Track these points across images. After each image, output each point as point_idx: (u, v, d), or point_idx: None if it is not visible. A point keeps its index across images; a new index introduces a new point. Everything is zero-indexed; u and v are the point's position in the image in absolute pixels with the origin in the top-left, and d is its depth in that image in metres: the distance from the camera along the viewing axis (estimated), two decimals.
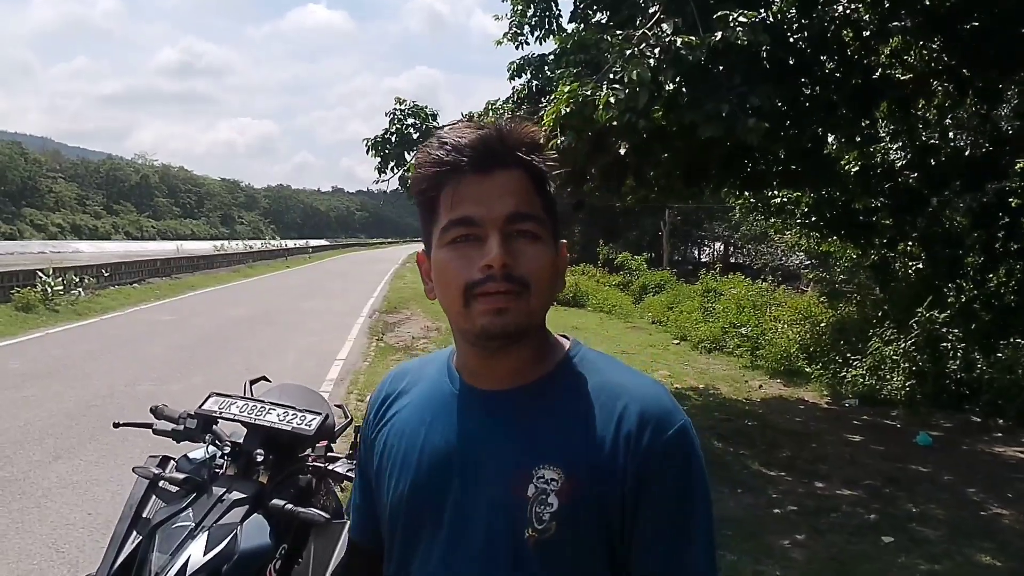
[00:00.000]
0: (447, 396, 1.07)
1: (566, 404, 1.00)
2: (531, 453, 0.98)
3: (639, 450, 0.95)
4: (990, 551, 4.39)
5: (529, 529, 0.96)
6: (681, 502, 0.97)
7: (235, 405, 2.11)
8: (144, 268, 23.20)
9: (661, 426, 0.97)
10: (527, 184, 0.99)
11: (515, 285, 0.96)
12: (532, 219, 0.98)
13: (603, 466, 0.96)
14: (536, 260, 0.98)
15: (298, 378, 8.78)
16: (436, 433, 1.05)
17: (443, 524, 1.02)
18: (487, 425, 1.02)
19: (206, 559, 1.73)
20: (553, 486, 0.96)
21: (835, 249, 11.57)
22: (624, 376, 1.03)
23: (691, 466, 0.98)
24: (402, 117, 8.43)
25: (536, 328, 1.02)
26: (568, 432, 0.98)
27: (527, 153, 1.00)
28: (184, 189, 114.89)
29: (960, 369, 8.11)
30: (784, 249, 21.11)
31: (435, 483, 1.03)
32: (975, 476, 5.86)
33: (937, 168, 9.06)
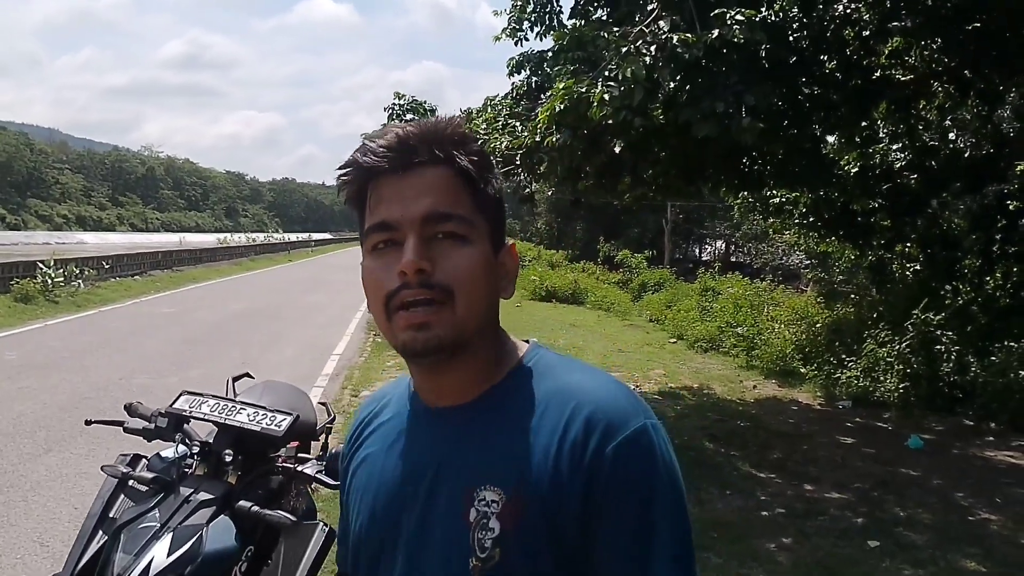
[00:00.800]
0: (407, 418, 1.00)
1: (514, 416, 0.90)
2: (474, 474, 0.89)
3: (585, 459, 0.84)
4: (976, 557, 4.38)
5: (473, 558, 0.87)
6: (640, 519, 0.84)
7: (206, 404, 2.10)
8: (146, 260, 23.25)
9: (612, 430, 0.85)
10: (450, 182, 0.91)
11: (435, 292, 0.87)
12: (454, 219, 0.89)
13: (548, 482, 0.85)
14: (460, 263, 0.88)
15: (294, 373, 8.84)
16: (393, 458, 0.98)
17: (397, 560, 0.94)
18: (439, 446, 0.94)
19: (170, 560, 1.72)
20: (494, 508, 0.87)
21: (834, 249, 11.55)
22: (578, 378, 0.92)
23: (652, 476, 0.85)
24: (400, 112, 8.44)
25: (474, 339, 0.91)
26: (513, 447, 0.88)
27: (451, 148, 0.91)
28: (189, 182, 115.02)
29: (954, 372, 8.09)
30: (784, 248, 21.09)
31: (391, 514, 0.95)
32: (965, 480, 5.85)
33: (936, 170, 9.04)
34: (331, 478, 2.00)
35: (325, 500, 4.78)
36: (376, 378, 8.90)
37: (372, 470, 1.01)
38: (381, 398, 1.09)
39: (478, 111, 8.52)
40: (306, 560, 2.15)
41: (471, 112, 8.61)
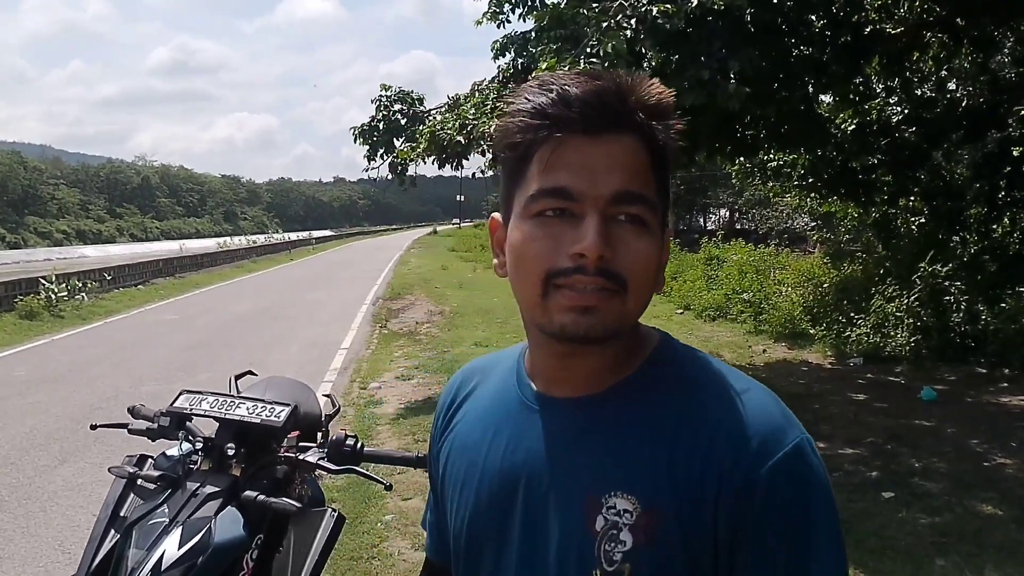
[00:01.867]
0: (514, 404, 0.90)
1: (650, 416, 0.81)
2: (603, 476, 0.80)
3: (736, 478, 0.76)
4: (992, 501, 4.38)
5: (597, 571, 0.79)
6: (798, 545, 0.75)
7: (205, 401, 2.11)
8: (148, 269, 23.28)
9: (767, 447, 0.76)
10: (644, 158, 0.80)
11: (610, 282, 0.78)
12: (643, 202, 0.79)
13: (691, 497, 0.77)
14: (640, 254, 0.79)
15: (302, 370, 8.85)
16: (499, 449, 0.89)
17: (506, 561, 0.86)
18: (557, 440, 0.85)
19: (180, 552, 1.73)
20: (627, 519, 0.78)
21: (837, 209, 11.49)
22: (724, 381, 0.83)
23: (810, 498, 0.77)
24: (388, 103, 8.40)
25: (628, 330, 0.84)
26: (650, 452, 0.79)
27: (651, 118, 0.80)
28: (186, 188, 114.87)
29: (964, 322, 8.07)
30: (788, 212, 20.99)
31: (497, 511, 0.87)
32: (979, 428, 5.84)
33: (935, 121, 8.96)
34: (333, 463, 2.01)
35: (340, 490, 4.81)
36: (384, 369, 8.92)
37: (474, 460, 0.91)
38: (472, 376, 1.01)
39: (466, 96, 8.47)
40: (316, 545, 2.17)
41: (459, 98, 8.57)
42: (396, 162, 8.20)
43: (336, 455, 2.04)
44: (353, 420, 6.67)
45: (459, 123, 7.20)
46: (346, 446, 2.05)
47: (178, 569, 1.72)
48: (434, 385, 7.92)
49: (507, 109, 0.83)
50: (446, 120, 7.58)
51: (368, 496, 4.73)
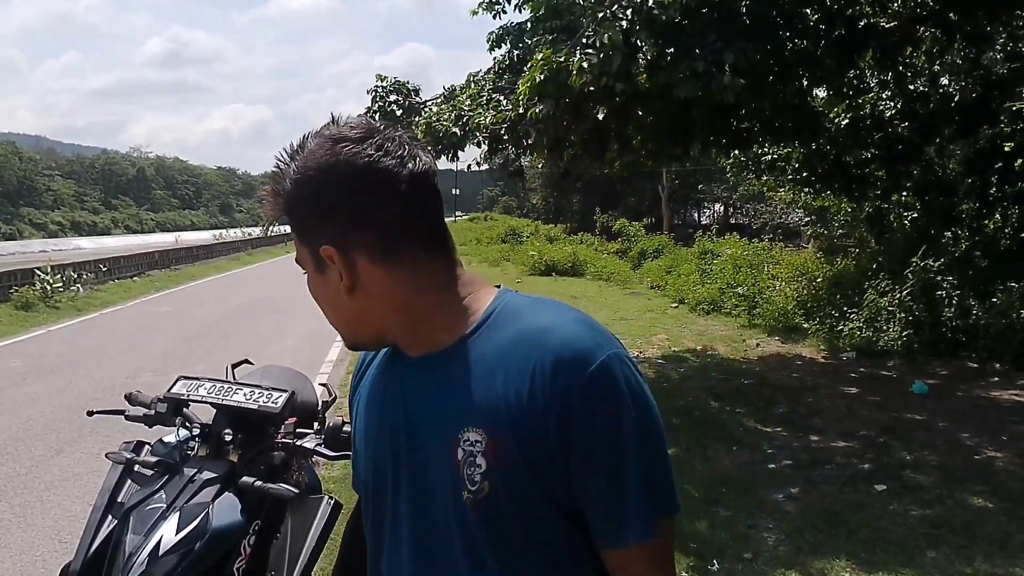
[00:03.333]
0: (391, 366, 1.07)
1: (488, 362, 0.96)
2: (456, 416, 0.96)
3: (556, 397, 0.91)
4: (982, 494, 4.42)
5: (464, 492, 0.95)
6: (610, 452, 0.91)
7: (203, 387, 2.13)
8: (143, 261, 23.21)
9: (577, 367, 0.91)
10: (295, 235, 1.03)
11: None
12: (300, 262, 1.04)
13: (524, 421, 0.92)
14: (313, 290, 1.05)
15: (298, 361, 8.85)
16: (379, 404, 1.07)
17: (401, 495, 1.02)
18: (420, 392, 1.01)
19: (178, 538, 1.76)
20: (478, 447, 0.94)
21: (831, 204, 11.52)
22: (543, 318, 0.96)
23: (619, 407, 0.91)
24: (384, 95, 8.37)
25: (372, 335, 1.04)
26: (488, 390, 0.94)
27: (274, 197, 1.04)
28: (181, 180, 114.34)
29: (956, 316, 8.11)
30: (783, 207, 21.03)
31: (386, 451, 1.04)
32: (970, 421, 5.89)
33: (928, 116, 8.97)
34: (330, 450, 2.03)
35: (336, 480, 4.83)
36: None
37: (369, 417, 1.09)
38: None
39: (461, 88, 8.46)
40: (313, 532, 2.19)
41: (454, 89, 8.56)
42: None
43: (333, 441, 2.06)
44: (348, 411, 6.67)
45: (455, 114, 7.20)
46: (343, 432, 2.06)
47: (176, 554, 1.74)
48: None
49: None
50: (442, 111, 7.58)
51: None
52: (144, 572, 1.68)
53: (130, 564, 1.70)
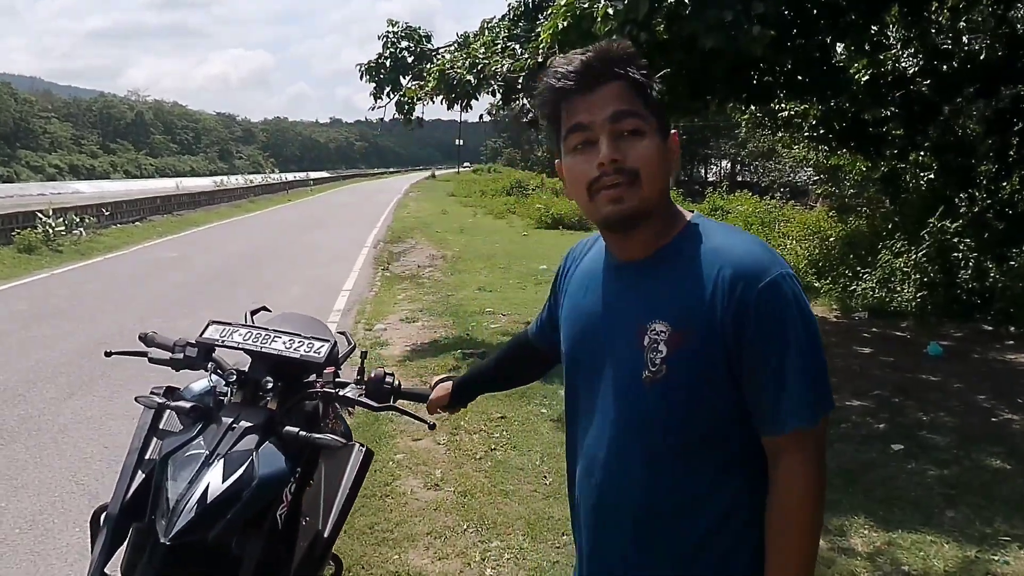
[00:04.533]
0: (600, 267, 1.34)
1: (678, 269, 1.21)
2: (647, 311, 1.21)
3: (732, 304, 1.14)
4: (999, 455, 4.41)
5: (645, 371, 1.19)
6: (776, 340, 1.13)
7: (237, 333, 2.07)
8: (145, 206, 23.05)
9: (753, 280, 1.14)
10: (626, 91, 1.20)
11: (626, 176, 1.18)
12: (634, 116, 1.19)
13: (704, 320, 1.15)
14: (643, 152, 1.19)
15: (305, 310, 8.72)
16: (588, 296, 1.34)
17: (593, 368, 1.29)
18: (619, 290, 1.28)
19: (226, 485, 1.71)
20: (663, 337, 1.18)
21: (844, 162, 11.35)
22: (728, 239, 1.21)
23: (784, 314, 1.14)
24: (395, 40, 8.18)
25: (655, 211, 1.22)
26: (677, 293, 1.19)
27: (623, 67, 1.21)
28: (180, 125, 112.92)
29: (971, 279, 8.04)
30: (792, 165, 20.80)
31: (588, 337, 1.31)
32: (985, 384, 5.87)
33: (950, 74, 8.76)
34: (373, 400, 1.98)
35: (361, 425, 4.82)
36: (388, 311, 8.90)
37: (575, 303, 1.37)
38: (587, 244, 1.45)
39: (475, 35, 8.26)
40: (347, 479, 2.18)
41: (468, 36, 8.35)
42: (403, 101, 8.02)
43: (376, 392, 2.02)
44: (359, 361, 6.65)
45: (469, 62, 7.03)
46: (386, 383, 2.02)
47: (224, 501, 1.70)
48: (440, 328, 7.91)
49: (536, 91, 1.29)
50: (456, 59, 7.41)
51: (379, 435, 4.75)
52: (193, 519, 1.64)
53: (178, 510, 1.66)
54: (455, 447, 4.63)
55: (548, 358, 1.66)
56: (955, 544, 3.40)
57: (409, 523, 3.68)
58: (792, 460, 1.16)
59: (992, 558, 3.29)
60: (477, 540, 3.51)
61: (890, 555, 3.30)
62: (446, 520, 3.70)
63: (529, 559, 3.34)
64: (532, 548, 3.42)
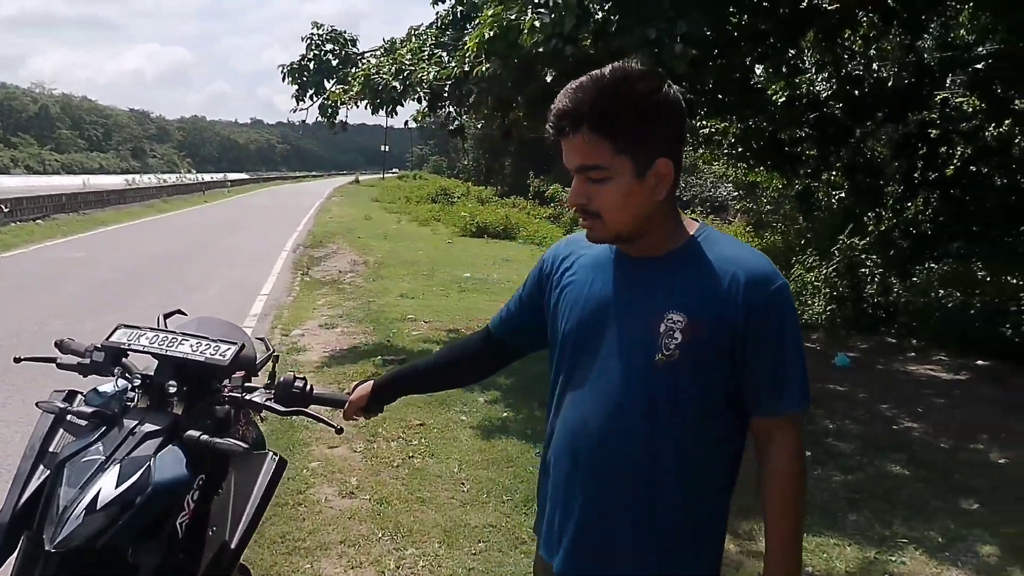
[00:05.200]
0: (608, 259, 1.46)
1: (692, 269, 1.37)
2: (665, 301, 1.36)
3: (744, 302, 1.32)
4: (900, 461, 4.62)
5: (659, 354, 1.35)
6: (778, 337, 1.34)
7: (144, 336, 1.98)
8: (48, 204, 21.86)
9: (764, 284, 1.34)
10: (592, 140, 1.32)
11: (590, 216, 1.37)
12: (595, 168, 1.33)
13: (718, 314, 1.33)
14: (604, 197, 1.34)
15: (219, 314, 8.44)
16: (599, 284, 1.45)
17: (600, 347, 1.41)
18: (636, 280, 1.41)
19: (118, 491, 1.63)
20: (679, 326, 1.34)
21: (762, 179, 11.77)
22: (737, 249, 1.40)
23: (785, 316, 1.36)
24: (320, 43, 8.04)
25: (638, 230, 1.38)
26: (693, 288, 1.36)
27: (590, 118, 1.31)
28: (89, 120, 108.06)
29: (878, 293, 8.44)
30: (712, 181, 21.42)
31: (596, 319, 1.43)
32: (889, 393, 6.15)
33: (861, 99, 9.21)
34: (282, 405, 1.93)
35: (275, 432, 4.67)
36: (307, 317, 8.70)
37: (580, 290, 1.47)
38: (575, 242, 1.55)
39: (402, 41, 8.20)
40: (258, 488, 2.10)
41: (395, 42, 8.28)
42: (327, 104, 7.88)
43: (285, 396, 1.96)
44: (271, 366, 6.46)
45: (395, 68, 6.96)
46: (295, 387, 1.96)
47: (115, 507, 1.62)
48: (359, 335, 7.77)
49: None
50: (382, 64, 7.32)
51: (293, 443, 4.62)
52: (80, 526, 1.56)
53: (65, 517, 1.57)
54: (372, 454, 4.54)
55: (499, 355, 1.76)
56: (856, 546, 3.54)
57: (322, 532, 3.58)
58: (787, 438, 1.37)
59: (890, 559, 3.43)
60: (392, 548, 3.45)
61: None
62: (360, 528, 3.62)
63: (444, 566, 3.29)
64: (448, 555, 3.37)
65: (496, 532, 3.60)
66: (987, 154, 8.65)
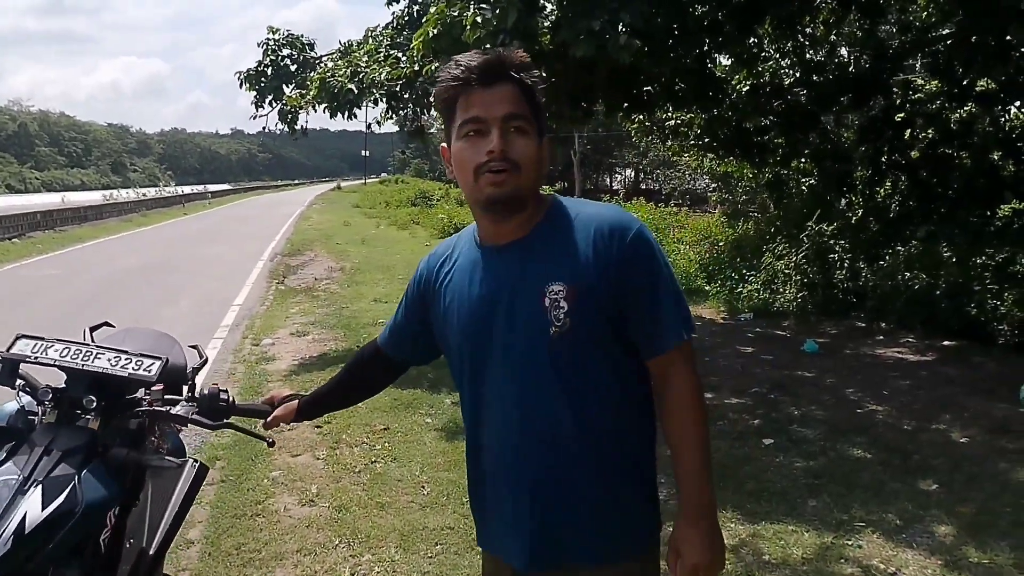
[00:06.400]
0: (479, 258, 1.50)
1: (559, 237, 1.43)
2: (542, 277, 1.40)
3: (612, 254, 1.38)
4: (862, 445, 4.63)
5: (552, 328, 1.39)
6: (651, 279, 1.41)
7: (53, 348, 1.92)
8: (24, 222, 21.68)
9: (624, 231, 1.40)
10: (519, 94, 1.40)
11: (509, 165, 1.38)
12: (522, 118, 1.40)
13: (592, 272, 1.38)
14: (524, 148, 1.40)
15: (191, 326, 8.45)
16: (476, 284, 1.48)
17: (493, 346, 1.44)
18: (510, 266, 1.44)
19: (46, 514, 1.58)
20: (561, 295, 1.38)
21: (735, 170, 11.78)
22: (591, 208, 1.47)
23: (651, 255, 1.42)
24: (276, 48, 7.98)
25: (528, 198, 1.43)
26: (563, 256, 1.41)
27: (518, 71, 1.41)
28: (68, 137, 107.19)
29: (847, 279, 8.47)
30: (690, 173, 21.46)
31: (484, 317, 1.46)
32: (855, 377, 6.16)
33: (825, 85, 9.22)
34: (207, 419, 1.91)
35: (226, 448, 4.63)
36: (279, 325, 8.64)
37: (462, 293, 1.50)
38: (450, 246, 1.60)
39: (359, 43, 8.15)
40: (176, 496, 2.08)
41: (351, 45, 8.24)
42: (285, 110, 7.83)
43: (210, 409, 1.93)
44: (243, 377, 6.43)
45: (350, 70, 6.91)
46: (221, 400, 1.94)
47: (44, 531, 1.57)
48: (330, 341, 7.73)
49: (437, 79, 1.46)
50: (337, 67, 7.28)
51: (255, 453, 4.57)
52: (9, 552, 1.51)
53: None
54: (334, 461, 4.51)
55: (388, 371, 1.83)
56: (814, 532, 3.53)
57: (279, 541, 3.55)
58: (680, 370, 1.43)
59: (847, 543, 3.43)
60: (348, 555, 3.42)
61: (753, 546, 3.39)
62: (318, 536, 3.59)
63: (400, 571, 3.27)
64: (403, 560, 3.35)
65: (453, 534, 3.58)
66: (951, 136, 8.69)
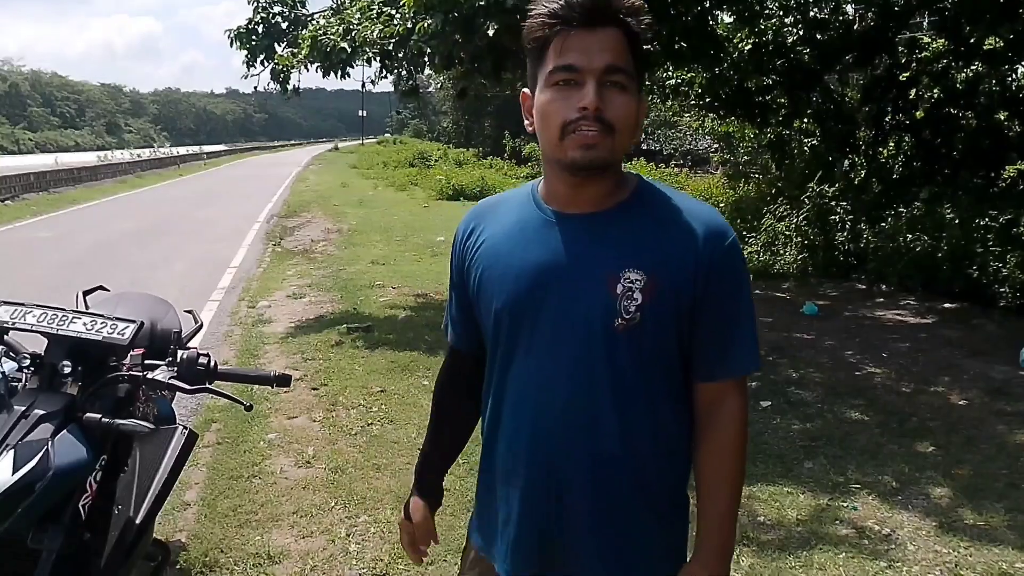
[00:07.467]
0: (538, 222, 1.29)
1: (645, 223, 1.25)
2: (620, 260, 1.22)
3: (705, 257, 1.22)
4: (860, 407, 4.62)
5: (618, 319, 1.21)
6: (733, 294, 1.26)
7: (31, 314, 1.89)
8: (16, 183, 21.46)
9: (723, 238, 1.24)
10: (624, 42, 1.18)
11: (603, 126, 1.17)
12: (624, 72, 1.18)
13: (678, 269, 1.21)
14: (623, 108, 1.19)
15: (187, 289, 8.41)
16: (532, 252, 1.27)
17: (541, 324, 1.25)
18: (581, 240, 1.25)
19: (15, 478, 1.57)
20: (638, 285, 1.20)
21: (736, 130, 11.63)
22: (685, 201, 1.29)
23: (743, 267, 1.29)
24: (267, 5, 7.78)
25: (617, 164, 1.25)
26: (648, 244, 1.23)
27: (627, 15, 1.18)
28: (61, 97, 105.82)
29: (848, 240, 8.41)
30: (691, 133, 21.22)
31: (534, 293, 1.26)
32: (854, 340, 6.15)
33: (829, 43, 9.06)
34: (185, 383, 1.87)
35: (222, 410, 4.61)
36: (275, 288, 8.60)
37: (508, 263, 1.29)
38: (484, 211, 1.41)
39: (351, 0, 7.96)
40: (167, 462, 2.07)
41: (343, 1, 8.04)
42: (277, 69, 7.66)
43: (189, 374, 1.89)
44: (240, 340, 6.40)
45: (343, 28, 6.74)
46: (199, 364, 1.89)
47: (13, 495, 1.56)
48: (327, 303, 7.69)
49: (529, 13, 1.21)
50: (330, 25, 7.10)
51: (252, 415, 4.55)
52: None
53: None
54: (331, 423, 4.50)
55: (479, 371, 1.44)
56: (809, 494, 3.53)
57: (275, 503, 3.55)
58: (736, 402, 1.27)
59: (842, 505, 3.43)
60: (344, 516, 3.42)
61: (748, 508, 3.38)
62: (314, 498, 3.59)
63: (395, 532, 3.26)
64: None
65: (449, 496, 3.54)
66: (956, 96, 8.55)
